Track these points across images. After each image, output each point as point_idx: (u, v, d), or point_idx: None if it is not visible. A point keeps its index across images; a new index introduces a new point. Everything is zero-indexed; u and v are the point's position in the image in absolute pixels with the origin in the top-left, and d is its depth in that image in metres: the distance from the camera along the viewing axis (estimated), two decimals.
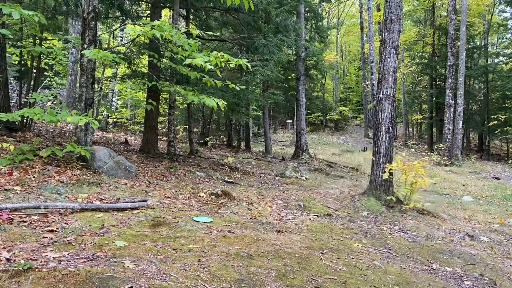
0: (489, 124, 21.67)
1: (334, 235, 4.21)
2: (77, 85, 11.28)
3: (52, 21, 9.58)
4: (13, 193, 4.14)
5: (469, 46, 23.59)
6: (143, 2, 11.33)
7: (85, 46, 5.90)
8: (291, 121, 28.70)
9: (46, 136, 9.30)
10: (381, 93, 6.38)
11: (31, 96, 5.68)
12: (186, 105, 13.42)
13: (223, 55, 5.66)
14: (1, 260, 2.39)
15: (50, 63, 15.57)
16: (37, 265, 2.33)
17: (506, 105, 22.70)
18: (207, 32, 8.86)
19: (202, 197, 5.50)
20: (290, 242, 3.62)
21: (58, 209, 3.80)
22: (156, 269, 2.53)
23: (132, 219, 3.81)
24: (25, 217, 3.45)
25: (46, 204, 3.77)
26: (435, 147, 20.18)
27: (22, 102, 10.52)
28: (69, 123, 11.22)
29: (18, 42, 11.72)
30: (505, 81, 21.33)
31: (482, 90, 24.30)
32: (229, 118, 16.24)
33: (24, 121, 9.12)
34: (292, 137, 23.93)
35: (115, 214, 3.94)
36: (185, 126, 18.37)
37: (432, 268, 3.41)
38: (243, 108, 12.81)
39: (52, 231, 3.19)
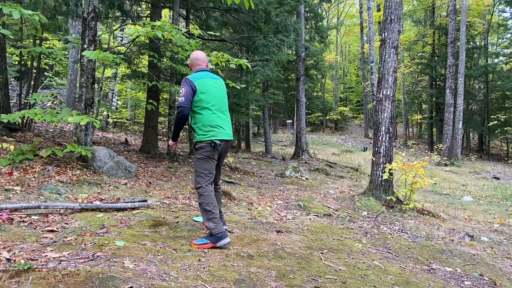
0: (489, 124, 21.68)
1: (334, 235, 4.21)
2: (77, 85, 11.28)
3: (52, 21, 9.57)
4: (13, 193, 4.14)
5: (469, 46, 23.59)
6: (143, 2, 11.33)
7: (85, 46, 5.90)
8: (291, 121, 28.71)
9: (46, 136, 9.31)
10: (381, 93, 6.38)
11: (31, 96, 5.68)
12: None
13: (223, 55, 5.67)
14: (1, 260, 2.39)
15: (50, 63, 15.58)
16: (37, 265, 2.34)
17: (506, 105, 22.71)
18: (208, 32, 8.85)
19: None
20: (290, 242, 3.63)
21: (58, 209, 3.80)
22: (156, 269, 2.53)
23: (132, 219, 3.82)
24: (25, 217, 3.45)
25: (46, 204, 3.77)
26: (435, 147, 20.19)
27: (22, 102, 10.52)
28: (69, 123, 11.22)
29: (18, 42, 11.72)
30: (505, 81, 21.33)
31: (482, 90, 24.30)
32: None
33: (24, 121, 9.12)
34: (292, 137, 23.94)
35: (115, 214, 3.94)
36: (185, 126, 18.37)
37: (432, 268, 3.41)
38: (243, 108, 12.82)
39: (52, 231, 3.19)
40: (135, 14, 11.10)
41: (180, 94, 3.27)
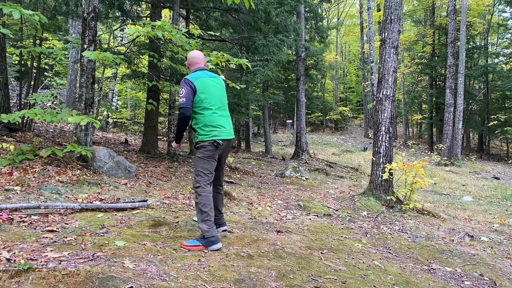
0: (489, 124, 21.68)
1: (334, 235, 4.21)
2: (77, 85, 11.28)
3: (52, 21, 9.58)
4: (13, 193, 4.14)
5: (469, 46, 23.59)
6: (143, 2, 11.33)
7: (85, 46, 5.90)
8: (291, 121, 28.72)
9: (46, 136, 9.31)
10: (381, 93, 6.38)
11: (31, 96, 5.68)
12: None
13: (223, 55, 5.68)
14: (1, 260, 2.39)
15: (50, 63, 15.58)
16: (37, 265, 2.34)
17: (506, 105, 22.71)
18: (208, 32, 8.84)
19: None
20: (290, 242, 3.63)
21: (58, 209, 3.80)
22: (156, 269, 2.53)
23: (132, 219, 3.82)
24: (25, 217, 3.45)
25: (46, 204, 3.77)
26: (435, 147, 20.19)
27: (22, 102, 10.52)
28: (69, 123, 11.22)
29: (18, 42, 11.72)
30: (505, 81, 21.33)
31: (482, 90, 24.30)
32: None
33: (24, 121, 9.12)
34: (292, 137, 23.94)
35: (115, 214, 3.95)
36: None
37: (432, 268, 3.41)
38: (243, 108, 12.81)
39: (52, 231, 3.19)
40: (135, 14, 11.10)
41: (180, 95, 3.21)
